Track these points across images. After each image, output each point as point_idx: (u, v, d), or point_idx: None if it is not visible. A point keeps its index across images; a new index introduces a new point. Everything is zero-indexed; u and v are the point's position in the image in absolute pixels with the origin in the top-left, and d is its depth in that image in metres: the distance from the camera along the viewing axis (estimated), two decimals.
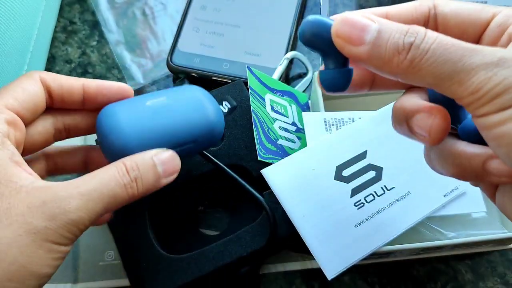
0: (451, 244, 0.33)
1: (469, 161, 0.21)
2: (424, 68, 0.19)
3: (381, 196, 0.32)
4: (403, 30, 0.20)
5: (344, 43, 0.21)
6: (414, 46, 0.19)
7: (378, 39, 0.20)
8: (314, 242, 0.30)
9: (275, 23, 0.45)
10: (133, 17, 0.47)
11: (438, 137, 0.21)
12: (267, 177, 0.32)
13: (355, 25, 0.20)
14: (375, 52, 0.20)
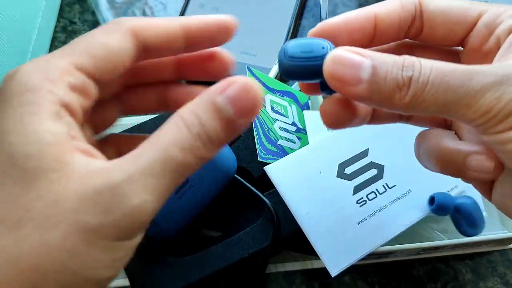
0: (451, 244, 0.33)
1: (451, 157, 0.22)
2: (427, 99, 0.19)
3: (383, 194, 0.32)
4: (399, 64, 0.19)
5: (340, 84, 0.20)
6: (413, 80, 0.19)
7: (375, 76, 0.19)
8: (317, 239, 0.30)
9: (273, 22, 0.45)
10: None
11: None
12: (270, 174, 0.32)
13: (347, 63, 0.20)
14: (374, 90, 0.19)
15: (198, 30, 0.22)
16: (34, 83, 0.18)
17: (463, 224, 0.32)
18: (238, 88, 0.19)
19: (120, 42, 0.20)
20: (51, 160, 0.18)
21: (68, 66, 0.19)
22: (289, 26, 0.45)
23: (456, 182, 0.33)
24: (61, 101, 0.19)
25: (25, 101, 0.18)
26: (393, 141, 0.34)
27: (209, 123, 0.19)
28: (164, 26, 0.22)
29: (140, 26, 0.21)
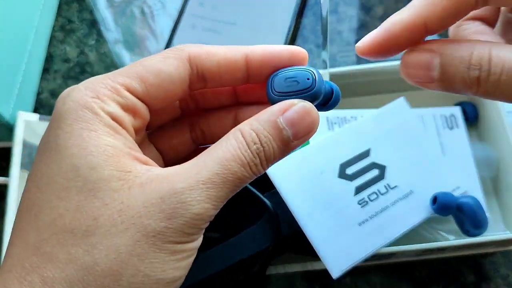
0: (454, 246, 0.33)
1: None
2: (502, 93, 0.19)
3: (384, 194, 0.32)
4: (466, 61, 0.19)
5: (418, 83, 0.21)
6: (482, 80, 0.19)
7: (445, 74, 0.20)
8: (319, 241, 0.30)
9: (273, 21, 0.45)
10: (132, 16, 0.47)
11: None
12: (271, 175, 0.32)
13: (417, 66, 0.20)
14: (447, 86, 0.20)
15: (262, 60, 0.22)
16: (87, 100, 0.19)
17: (466, 223, 0.32)
18: (298, 111, 0.20)
19: (176, 69, 0.21)
20: (113, 170, 0.19)
21: (119, 87, 0.20)
22: (289, 24, 0.45)
23: (459, 182, 0.33)
24: (113, 117, 0.20)
25: (80, 117, 0.19)
26: (395, 141, 0.33)
27: (269, 142, 0.20)
28: (226, 55, 0.22)
29: (200, 54, 0.21)
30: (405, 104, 0.35)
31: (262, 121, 0.20)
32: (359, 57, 0.43)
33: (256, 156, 0.20)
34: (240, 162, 0.20)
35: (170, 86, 0.21)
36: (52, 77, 0.44)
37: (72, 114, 0.19)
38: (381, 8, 0.47)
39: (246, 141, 0.20)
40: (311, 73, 0.21)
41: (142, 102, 0.21)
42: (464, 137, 0.37)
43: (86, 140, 0.19)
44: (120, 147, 0.19)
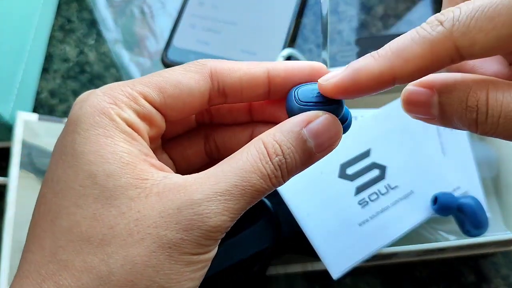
0: (454, 246, 0.33)
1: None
2: (501, 134, 0.19)
3: (385, 194, 0.32)
4: (462, 101, 0.19)
5: (420, 119, 0.21)
6: (480, 122, 0.19)
7: (444, 113, 0.20)
8: (319, 241, 0.30)
9: (273, 20, 0.45)
10: (131, 16, 0.47)
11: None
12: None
13: (416, 103, 0.20)
14: (447, 123, 0.20)
15: (285, 76, 0.22)
16: (104, 106, 0.19)
17: (467, 224, 0.32)
18: (322, 123, 0.20)
19: (196, 82, 0.21)
20: (130, 178, 0.19)
21: (137, 95, 0.20)
22: (289, 24, 0.44)
23: (459, 183, 0.33)
24: (128, 124, 0.20)
25: (97, 123, 0.19)
26: (395, 141, 0.33)
27: (292, 154, 0.20)
28: (247, 71, 0.21)
29: (222, 69, 0.21)
30: None
31: (285, 131, 0.20)
32: (359, 57, 0.43)
33: (277, 169, 0.19)
34: (260, 175, 0.19)
35: (189, 98, 0.21)
36: (51, 77, 0.44)
37: (89, 119, 0.19)
38: (381, 8, 0.47)
39: (268, 152, 0.19)
40: None
41: (158, 112, 0.21)
42: (464, 137, 0.37)
43: (103, 147, 0.19)
44: (136, 153, 0.19)
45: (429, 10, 0.46)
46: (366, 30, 0.46)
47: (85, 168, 0.18)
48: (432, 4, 0.46)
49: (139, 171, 0.19)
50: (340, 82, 0.20)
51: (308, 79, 0.22)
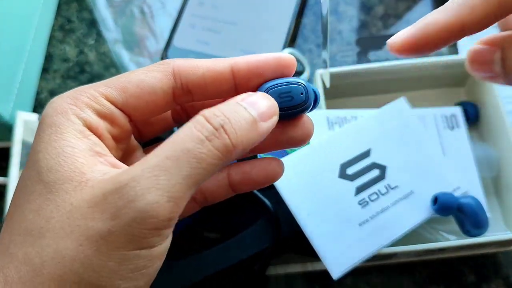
0: (454, 246, 0.33)
1: None
2: None
3: (385, 195, 0.32)
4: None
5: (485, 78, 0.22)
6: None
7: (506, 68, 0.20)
8: (319, 241, 0.30)
9: (273, 20, 0.45)
10: (131, 16, 0.47)
11: None
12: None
13: (480, 61, 0.21)
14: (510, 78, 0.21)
15: (248, 70, 0.21)
16: (63, 106, 0.20)
17: (467, 224, 0.32)
18: (257, 96, 0.20)
19: (159, 81, 0.21)
20: (69, 171, 0.18)
21: (98, 95, 0.20)
22: (289, 24, 0.44)
23: (459, 183, 0.33)
24: (86, 123, 0.20)
25: (53, 123, 0.19)
26: (395, 141, 0.33)
27: (233, 117, 0.18)
28: (210, 67, 0.21)
29: (185, 66, 0.21)
30: (405, 104, 0.35)
31: (224, 103, 0.19)
32: (359, 57, 0.43)
33: (219, 128, 0.18)
34: (196, 139, 0.17)
35: (151, 97, 0.21)
36: (51, 77, 0.44)
37: (48, 119, 0.20)
38: (381, 8, 0.47)
39: (206, 117, 0.18)
40: (303, 87, 0.21)
41: (121, 111, 0.21)
42: (464, 137, 0.37)
43: (51, 144, 0.19)
44: (82, 148, 0.19)
45: (429, 10, 0.46)
46: (366, 30, 0.46)
47: (35, 166, 0.19)
48: (432, 3, 0.46)
49: (80, 165, 0.18)
50: (411, 37, 0.21)
51: (275, 71, 0.21)
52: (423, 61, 0.38)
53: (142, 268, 0.18)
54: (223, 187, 0.23)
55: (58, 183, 0.18)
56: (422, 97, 0.41)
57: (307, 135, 0.22)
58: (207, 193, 0.23)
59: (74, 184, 0.18)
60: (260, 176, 0.23)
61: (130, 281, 0.18)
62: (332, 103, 0.40)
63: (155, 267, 0.18)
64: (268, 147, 0.23)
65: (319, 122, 0.35)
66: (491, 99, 0.37)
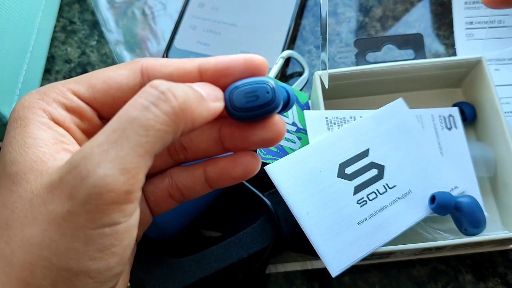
0: (452, 245, 0.33)
1: None
2: None
3: (383, 194, 0.32)
4: None
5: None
6: None
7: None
8: (318, 239, 0.30)
9: (273, 22, 0.45)
10: (133, 17, 0.47)
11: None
12: (271, 174, 0.32)
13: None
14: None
15: (215, 70, 0.21)
16: (31, 101, 0.20)
17: (464, 222, 0.32)
18: (202, 83, 0.20)
19: (125, 78, 0.21)
20: (30, 162, 0.18)
21: (66, 91, 0.21)
22: (289, 25, 0.45)
23: (457, 182, 0.33)
24: (52, 116, 0.20)
25: (19, 117, 0.20)
26: (393, 141, 0.33)
27: (180, 86, 0.18)
28: (177, 66, 0.21)
29: (153, 65, 0.21)
30: (403, 105, 0.35)
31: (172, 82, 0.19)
32: (357, 58, 0.44)
33: (165, 91, 0.18)
34: (140, 106, 0.17)
35: (118, 93, 0.21)
36: (53, 78, 0.45)
37: (14, 114, 0.20)
38: (379, 10, 0.47)
39: (151, 85, 0.18)
40: (269, 86, 0.20)
41: (89, 106, 0.21)
42: (462, 137, 0.37)
43: (15, 137, 0.19)
44: (44, 138, 0.19)
45: (427, 12, 0.47)
46: (364, 32, 0.46)
47: (1, 160, 0.19)
48: (430, 5, 0.47)
49: (41, 154, 0.19)
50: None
51: (243, 71, 0.21)
52: (421, 62, 0.39)
53: (109, 247, 0.18)
54: (199, 183, 0.23)
55: (20, 174, 0.18)
56: (420, 97, 0.41)
57: (277, 136, 0.21)
58: (184, 189, 0.23)
59: (35, 173, 0.18)
60: (237, 170, 0.22)
61: (100, 261, 0.17)
62: (331, 104, 0.40)
63: (124, 245, 0.18)
64: (241, 147, 0.23)
65: (318, 122, 0.35)
66: (488, 100, 0.38)
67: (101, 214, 0.17)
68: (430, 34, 0.45)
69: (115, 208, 0.17)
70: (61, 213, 0.17)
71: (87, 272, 0.17)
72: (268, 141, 0.21)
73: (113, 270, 0.18)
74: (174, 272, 0.31)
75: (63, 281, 0.17)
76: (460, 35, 0.45)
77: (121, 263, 0.18)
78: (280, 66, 0.42)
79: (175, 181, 0.23)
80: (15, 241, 0.18)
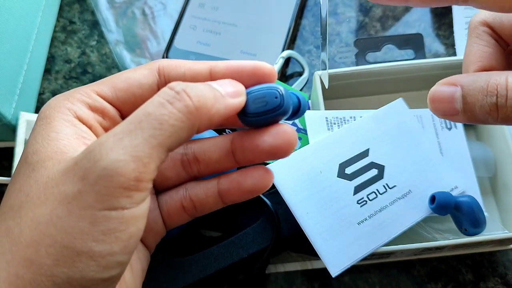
0: (452, 244, 0.33)
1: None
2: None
3: (383, 194, 0.32)
4: (483, 89, 0.21)
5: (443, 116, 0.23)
6: (500, 106, 0.20)
7: (467, 105, 0.21)
8: (318, 239, 0.30)
9: (273, 22, 0.45)
10: (133, 17, 0.47)
11: None
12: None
13: (441, 99, 0.23)
14: (470, 117, 0.22)
15: (224, 73, 0.23)
16: (57, 102, 0.22)
17: (464, 222, 0.32)
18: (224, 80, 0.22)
19: (144, 76, 0.23)
20: (50, 152, 0.20)
21: (91, 91, 0.22)
22: (289, 25, 0.45)
23: (457, 182, 0.33)
24: (76, 114, 0.21)
25: (45, 115, 0.21)
26: (393, 141, 0.33)
27: (196, 85, 0.20)
28: (191, 67, 0.23)
29: (169, 65, 0.23)
30: (403, 105, 0.35)
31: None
32: (357, 58, 0.44)
33: (180, 91, 0.19)
34: (157, 103, 0.19)
35: (138, 90, 0.23)
36: (53, 78, 0.45)
37: (41, 114, 0.22)
38: (379, 9, 0.47)
39: (169, 86, 0.19)
40: (278, 91, 0.21)
41: (111, 105, 0.23)
42: (462, 137, 0.37)
43: (40, 132, 0.21)
44: (67, 133, 0.21)
45: (427, 12, 0.47)
46: (364, 32, 0.46)
47: (24, 152, 0.21)
48: None
49: (63, 146, 0.20)
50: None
51: (252, 78, 0.22)
52: (421, 62, 0.39)
53: (114, 231, 0.18)
54: (212, 196, 0.24)
55: (39, 162, 0.20)
56: (420, 97, 0.41)
57: (287, 144, 0.22)
58: (196, 201, 0.25)
59: (53, 161, 0.19)
60: (248, 183, 0.23)
61: (103, 244, 0.18)
62: (331, 104, 0.40)
63: (129, 233, 0.19)
64: (251, 159, 0.23)
65: (318, 122, 0.35)
66: None
67: (109, 196, 0.18)
68: (430, 34, 0.46)
69: (123, 193, 0.18)
70: (71, 193, 0.18)
71: (90, 253, 0.18)
72: (277, 149, 0.22)
73: (115, 256, 0.18)
74: (174, 272, 0.31)
75: (65, 260, 0.18)
76: (460, 35, 0.45)
77: (125, 251, 0.19)
78: (280, 66, 0.42)
79: (189, 193, 0.25)
80: (25, 221, 0.18)
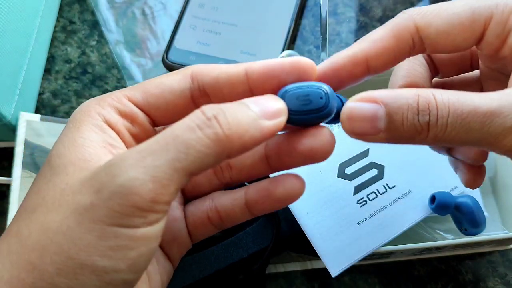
0: (452, 244, 0.33)
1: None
2: (449, 138, 0.19)
3: (383, 194, 0.32)
4: (414, 108, 0.19)
5: (362, 137, 0.20)
6: (431, 125, 0.19)
7: (392, 123, 0.19)
8: (318, 239, 0.30)
9: (273, 22, 0.45)
10: (133, 17, 0.47)
11: None
12: (271, 174, 0.32)
13: (362, 118, 0.20)
14: (395, 136, 0.20)
15: (261, 73, 0.21)
16: (88, 106, 0.21)
17: (464, 222, 0.32)
18: (265, 96, 0.20)
19: (177, 82, 0.22)
20: (74, 158, 0.19)
21: (122, 96, 0.22)
22: (289, 25, 0.45)
23: (457, 182, 0.33)
24: (105, 119, 0.21)
25: (75, 119, 0.21)
26: None
27: (229, 110, 0.18)
28: (225, 70, 0.21)
29: (202, 70, 0.22)
30: None
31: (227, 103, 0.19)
32: None
33: (211, 118, 0.18)
34: (186, 126, 0.18)
35: (170, 97, 0.21)
36: (53, 78, 0.45)
37: (72, 117, 0.21)
38: (379, 10, 0.47)
39: (201, 110, 0.18)
40: (324, 92, 0.20)
41: (141, 111, 0.22)
42: None
43: (67, 135, 0.20)
44: (94, 139, 0.20)
45: None
46: (364, 32, 0.46)
47: (49, 154, 0.20)
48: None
49: (87, 154, 0.19)
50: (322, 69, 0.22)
51: (291, 75, 0.21)
52: None
53: (122, 248, 0.17)
54: (238, 207, 0.23)
55: (61, 166, 0.19)
56: None
57: (325, 147, 0.21)
58: (222, 212, 0.24)
59: (75, 168, 0.19)
60: (279, 191, 0.22)
61: (109, 259, 0.17)
62: None
63: (139, 251, 0.18)
64: (287, 163, 0.23)
65: None
66: None
67: (120, 213, 0.17)
68: None
69: (136, 212, 0.17)
70: (84, 204, 0.18)
71: (92, 267, 0.17)
72: (316, 152, 0.21)
73: (121, 273, 0.18)
74: (175, 272, 0.31)
75: (68, 270, 0.17)
76: None
77: (133, 270, 0.18)
78: None
79: (215, 204, 0.24)
80: (35, 224, 0.18)
